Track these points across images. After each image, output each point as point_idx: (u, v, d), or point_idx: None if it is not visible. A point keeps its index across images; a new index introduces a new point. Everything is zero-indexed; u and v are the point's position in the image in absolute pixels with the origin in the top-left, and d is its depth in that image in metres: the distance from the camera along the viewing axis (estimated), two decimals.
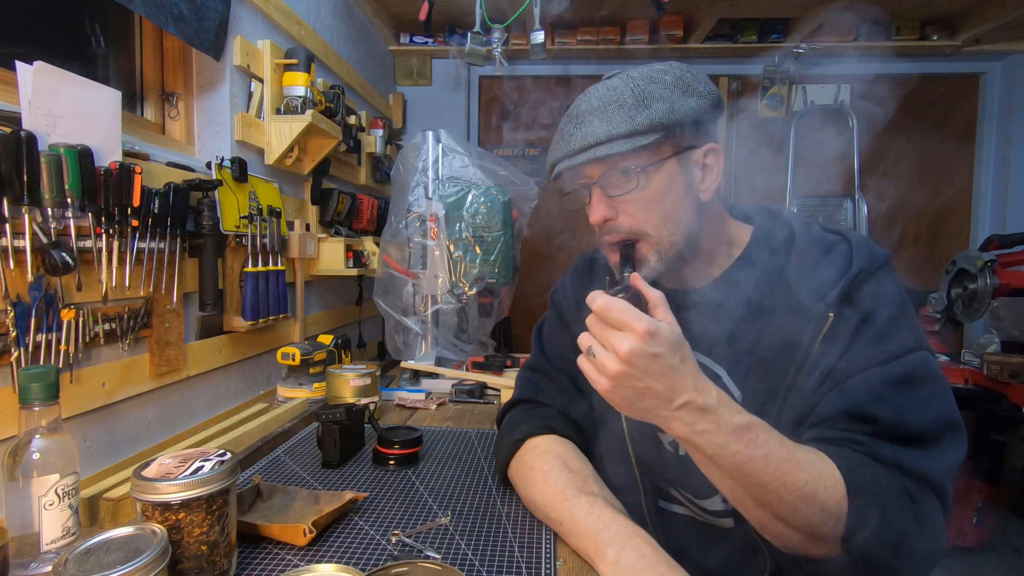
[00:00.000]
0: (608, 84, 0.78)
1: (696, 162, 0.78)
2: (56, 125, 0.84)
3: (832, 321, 0.71)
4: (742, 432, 0.62)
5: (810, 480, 0.62)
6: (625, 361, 0.60)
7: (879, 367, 0.69)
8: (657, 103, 0.73)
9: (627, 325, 0.60)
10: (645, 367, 0.60)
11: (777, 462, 0.62)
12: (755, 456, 0.62)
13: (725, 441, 0.62)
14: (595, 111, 0.75)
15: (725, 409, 0.63)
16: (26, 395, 0.65)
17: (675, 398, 0.62)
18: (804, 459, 0.63)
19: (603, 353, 0.62)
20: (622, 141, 0.73)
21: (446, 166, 1.80)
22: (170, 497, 0.61)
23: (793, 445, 0.64)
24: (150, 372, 1.09)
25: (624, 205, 0.77)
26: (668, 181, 0.76)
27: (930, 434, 0.67)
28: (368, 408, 1.19)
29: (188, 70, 1.35)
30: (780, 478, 0.62)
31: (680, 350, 0.62)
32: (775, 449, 0.62)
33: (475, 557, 0.75)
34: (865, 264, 0.74)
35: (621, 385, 0.62)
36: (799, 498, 0.62)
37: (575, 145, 0.76)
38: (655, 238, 0.77)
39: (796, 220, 0.83)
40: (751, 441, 0.62)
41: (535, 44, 1.97)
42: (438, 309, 1.76)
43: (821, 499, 0.62)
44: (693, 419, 0.62)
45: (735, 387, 0.79)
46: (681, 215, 0.77)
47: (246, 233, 1.31)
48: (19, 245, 0.80)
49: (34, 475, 0.65)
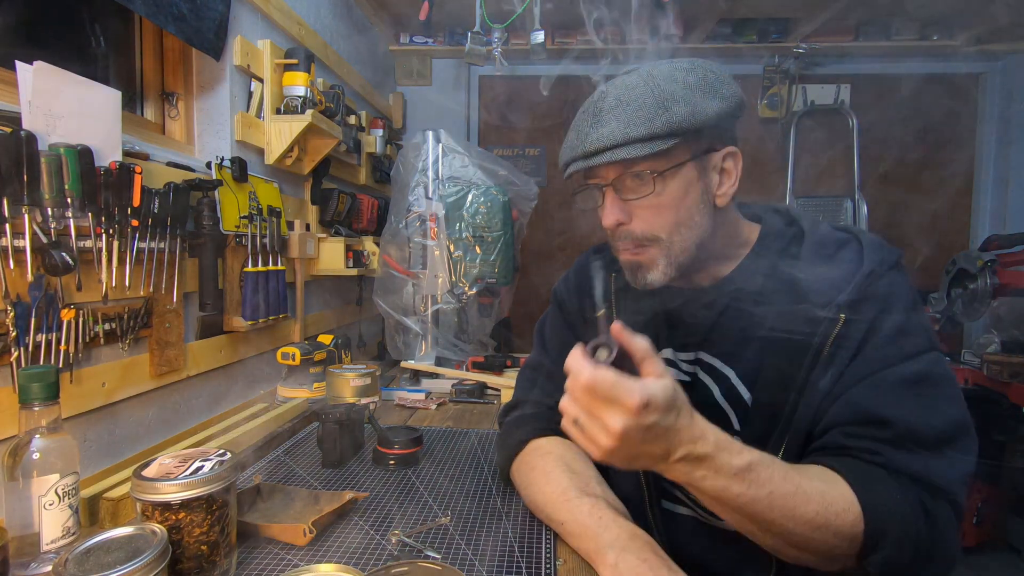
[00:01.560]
0: (628, 82, 0.74)
1: (714, 166, 0.76)
2: (56, 125, 0.84)
3: (843, 323, 0.70)
4: (743, 474, 0.61)
5: (820, 511, 0.61)
6: (619, 438, 0.57)
7: (891, 368, 0.68)
8: (677, 106, 0.70)
9: (618, 401, 0.56)
10: (640, 438, 0.58)
11: (783, 498, 0.61)
12: (759, 496, 0.61)
13: (726, 484, 0.61)
14: (613, 110, 0.72)
15: (724, 453, 0.61)
16: (26, 395, 0.65)
17: (671, 454, 0.60)
18: (812, 489, 0.62)
19: (593, 427, 0.59)
20: (639, 145, 0.70)
21: (446, 166, 1.80)
22: (170, 497, 0.61)
23: (799, 476, 0.63)
24: (150, 372, 1.08)
25: (638, 210, 0.75)
26: (685, 186, 0.74)
27: (944, 438, 0.66)
28: (368, 408, 1.19)
29: (188, 70, 1.35)
30: (787, 513, 0.61)
31: (674, 408, 0.59)
32: (779, 486, 0.61)
33: (475, 557, 0.75)
34: (876, 264, 0.73)
35: (616, 454, 0.59)
36: (810, 528, 0.61)
37: (591, 146, 0.73)
38: (667, 244, 0.76)
39: (804, 219, 0.83)
40: (753, 481, 0.61)
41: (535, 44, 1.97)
42: (438, 309, 1.76)
43: (834, 526, 0.62)
44: (690, 468, 0.61)
45: (744, 389, 0.78)
46: (695, 221, 0.75)
47: (246, 233, 1.31)
48: (19, 245, 0.80)
49: (34, 475, 0.65)
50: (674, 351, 0.87)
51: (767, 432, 0.74)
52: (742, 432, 0.78)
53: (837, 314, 0.71)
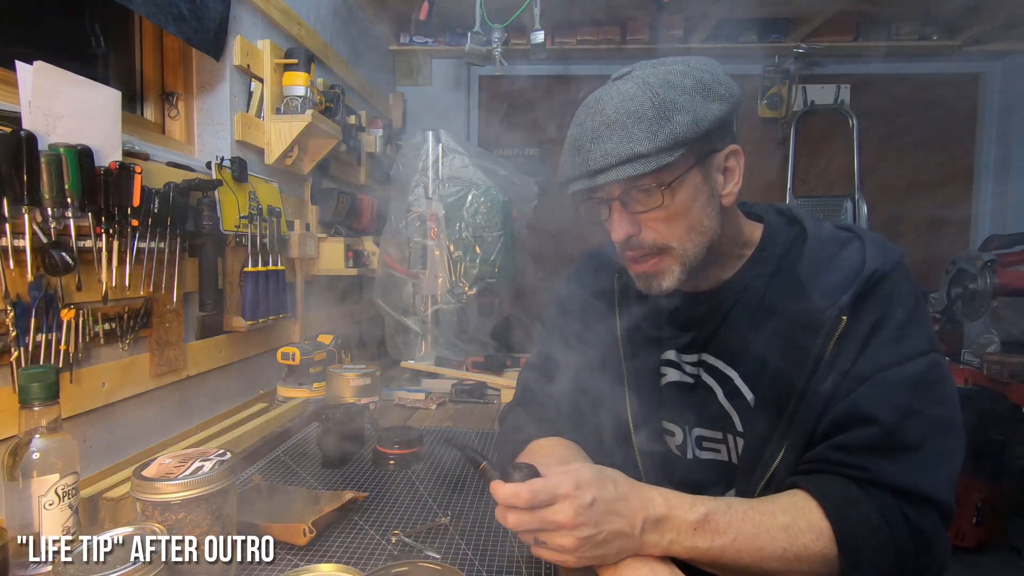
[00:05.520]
0: (623, 91, 0.71)
1: (718, 167, 0.76)
2: (56, 125, 0.84)
3: (845, 324, 0.70)
4: (701, 526, 0.63)
5: (787, 546, 0.63)
6: (575, 527, 0.60)
7: (890, 370, 0.68)
8: (679, 115, 0.69)
9: (553, 496, 0.60)
10: (595, 518, 0.60)
11: (748, 540, 0.63)
12: (724, 544, 0.63)
13: (692, 543, 0.63)
14: (612, 125, 0.70)
15: (677, 510, 0.64)
16: (26, 395, 0.65)
17: (635, 523, 0.62)
18: (774, 525, 0.64)
19: (551, 535, 0.61)
20: (644, 160, 0.69)
21: (446, 166, 1.80)
22: (170, 497, 0.61)
23: (760, 515, 0.65)
24: (150, 372, 1.08)
25: (648, 220, 0.75)
26: (692, 193, 0.73)
27: (931, 441, 0.66)
28: (368, 408, 1.19)
29: (188, 70, 1.35)
30: (756, 555, 0.63)
31: (607, 480, 0.63)
32: (741, 528, 0.63)
33: (475, 557, 0.75)
34: (879, 264, 0.72)
35: (585, 547, 0.61)
36: (783, 564, 0.63)
37: (594, 164, 0.71)
38: (680, 251, 0.75)
39: (807, 218, 0.82)
40: (714, 531, 0.63)
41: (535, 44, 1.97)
42: (438, 309, 1.76)
43: (805, 558, 0.63)
44: (658, 535, 0.63)
45: (748, 389, 0.78)
46: (705, 225, 0.75)
47: (246, 233, 1.31)
48: (19, 245, 0.80)
49: (34, 475, 0.65)
50: (677, 352, 0.86)
51: (769, 433, 0.74)
52: (744, 432, 0.78)
53: (839, 315, 0.71)
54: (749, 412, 0.78)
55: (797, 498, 0.67)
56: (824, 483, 0.67)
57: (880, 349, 0.70)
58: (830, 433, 0.70)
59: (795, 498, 0.67)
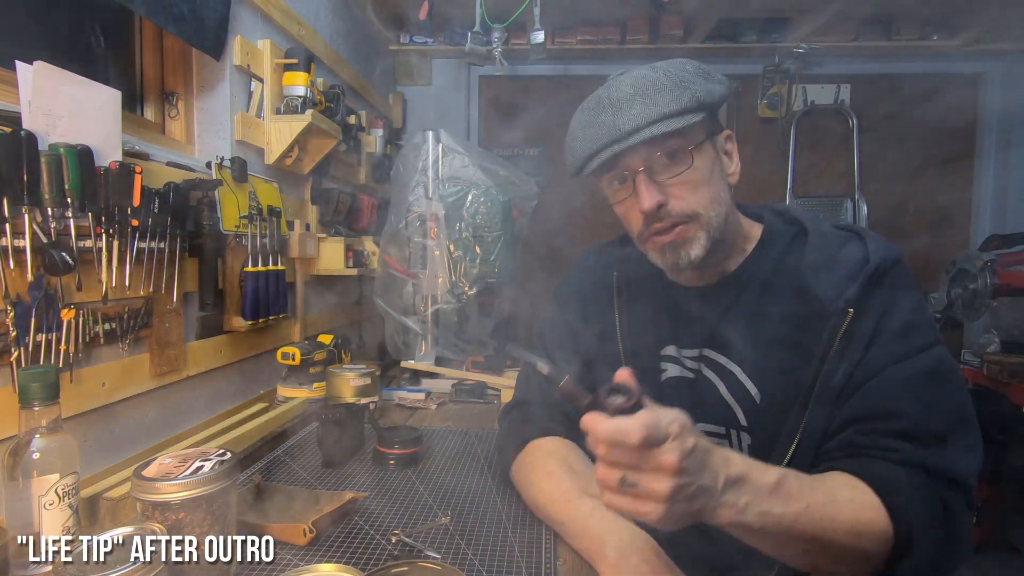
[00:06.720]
0: (635, 75, 0.77)
1: (721, 147, 0.80)
2: (56, 125, 0.84)
3: (852, 317, 0.71)
4: (777, 490, 0.59)
5: (856, 519, 0.62)
6: (678, 472, 0.53)
7: (904, 363, 0.69)
8: (694, 84, 0.74)
9: (660, 440, 0.53)
10: (693, 467, 0.54)
11: (821, 508, 0.60)
12: (798, 511, 0.59)
13: (768, 507, 0.59)
14: (634, 97, 0.74)
15: (755, 471, 0.59)
16: (26, 395, 0.65)
17: (718, 480, 0.57)
18: (842, 497, 0.62)
19: (647, 477, 0.54)
20: (674, 119, 0.72)
21: (446, 166, 1.79)
22: (170, 497, 0.61)
23: (825, 485, 0.63)
24: (150, 372, 1.08)
25: (673, 189, 0.76)
26: (710, 163, 0.77)
27: (955, 429, 0.67)
28: (368, 408, 1.18)
29: (188, 70, 1.35)
30: (828, 524, 0.60)
31: (696, 429, 0.56)
32: (812, 496, 0.61)
33: (475, 557, 0.75)
34: (882, 259, 0.73)
35: (675, 500, 0.54)
36: (851, 537, 0.62)
37: (624, 128, 0.73)
38: (705, 219, 0.76)
39: (806, 217, 0.83)
40: (789, 496, 0.60)
41: (535, 44, 1.97)
42: (438, 309, 1.75)
43: (870, 533, 0.62)
44: (735, 495, 0.57)
45: (752, 384, 0.78)
46: (722, 197, 0.78)
47: (246, 233, 1.31)
48: (19, 245, 0.80)
49: (34, 475, 0.64)
50: (678, 348, 0.87)
51: (777, 428, 0.74)
52: (750, 428, 0.78)
53: (845, 308, 0.71)
54: (754, 407, 0.78)
55: (847, 478, 0.65)
56: (867, 464, 0.66)
57: (890, 341, 0.70)
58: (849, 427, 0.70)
59: (845, 477, 0.66)
